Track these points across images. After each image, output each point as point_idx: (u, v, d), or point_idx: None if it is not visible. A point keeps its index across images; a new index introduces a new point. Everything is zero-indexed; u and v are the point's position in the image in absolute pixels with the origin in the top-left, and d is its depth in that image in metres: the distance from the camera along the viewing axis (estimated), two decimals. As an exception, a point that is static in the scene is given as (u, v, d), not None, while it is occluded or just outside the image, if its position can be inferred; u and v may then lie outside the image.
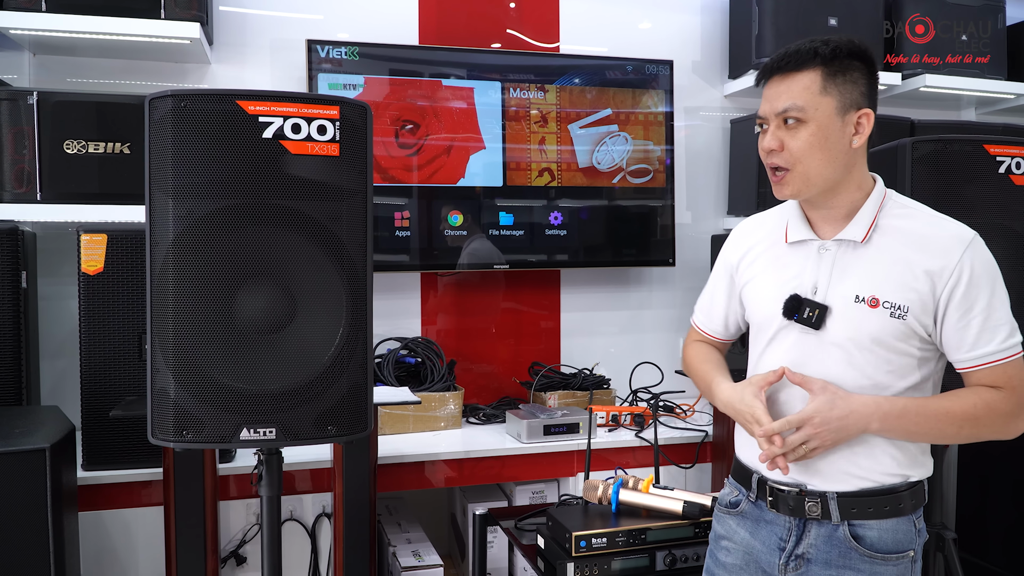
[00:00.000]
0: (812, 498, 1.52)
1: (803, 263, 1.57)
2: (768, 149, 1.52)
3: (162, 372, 1.44)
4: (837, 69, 1.48)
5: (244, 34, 2.84)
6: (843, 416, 1.43)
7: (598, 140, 3.07)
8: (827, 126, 1.48)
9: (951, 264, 1.46)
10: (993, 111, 3.70)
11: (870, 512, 1.50)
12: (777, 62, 1.51)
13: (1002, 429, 1.50)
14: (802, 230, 1.59)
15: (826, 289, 1.52)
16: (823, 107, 1.48)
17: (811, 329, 1.52)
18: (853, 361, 1.50)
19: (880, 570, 1.50)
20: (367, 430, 1.59)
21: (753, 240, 1.70)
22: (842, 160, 1.51)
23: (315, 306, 1.52)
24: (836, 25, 3.14)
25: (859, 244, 1.52)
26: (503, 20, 3.11)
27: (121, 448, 2.17)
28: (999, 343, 1.47)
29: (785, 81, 1.50)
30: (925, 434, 1.49)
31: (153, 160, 1.43)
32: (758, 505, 1.61)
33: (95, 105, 2.32)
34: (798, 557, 1.54)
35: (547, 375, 2.97)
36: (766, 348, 1.61)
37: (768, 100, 1.53)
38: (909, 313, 1.47)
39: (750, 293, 1.66)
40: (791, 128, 1.49)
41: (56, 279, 2.61)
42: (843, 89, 1.49)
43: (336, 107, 1.52)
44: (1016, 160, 2.06)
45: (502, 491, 2.86)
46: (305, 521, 2.41)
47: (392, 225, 2.85)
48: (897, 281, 1.48)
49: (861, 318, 1.48)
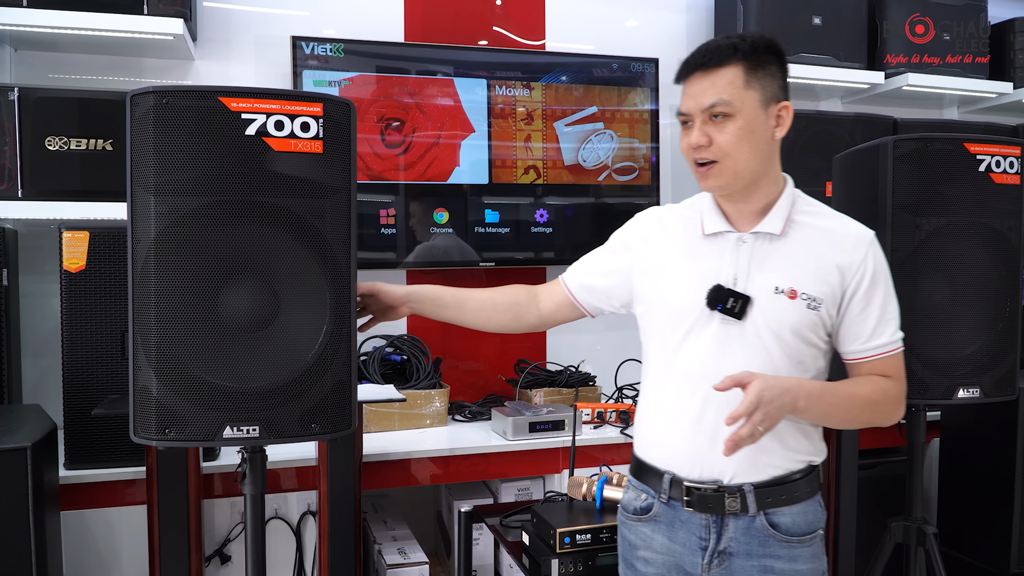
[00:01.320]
0: (731, 493, 1.53)
1: (721, 254, 1.58)
2: (696, 144, 1.52)
3: (144, 370, 1.43)
4: (757, 64, 1.51)
5: (228, 30, 2.82)
6: (782, 393, 1.43)
7: (584, 138, 3.08)
8: (753, 119, 1.51)
9: (858, 260, 1.54)
10: (975, 110, 3.73)
11: (783, 499, 1.54)
12: (699, 58, 1.52)
13: (891, 415, 1.59)
14: (719, 222, 1.60)
15: (745, 280, 1.54)
16: (748, 101, 1.50)
17: (732, 319, 1.53)
18: (771, 351, 1.52)
19: (797, 552, 1.54)
20: (351, 428, 1.58)
21: (663, 229, 1.68)
22: (766, 152, 1.54)
23: (299, 303, 1.51)
24: (820, 24, 3.16)
25: (776, 237, 1.55)
26: (489, 17, 3.11)
27: (104, 447, 2.15)
28: (890, 335, 1.57)
29: (708, 77, 1.51)
30: (834, 416, 1.54)
31: (135, 157, 1.42)
32: (671, 506, 1.59)
33: (77, 101, 2.30)
34: (720, 553, 1.55)
35: (533, 372, 2.97)
36: (684, 339, 1.58)
37: (692, 96, 1.53)
38: (822, 305, 1.52)
39: (659, 284, 1.63)
40: (718, 123, 1.50)
41: (38, 277, 2.59)
42: (764, 83, 1.51)
43: (319, 104, 1.52)
44: (996, 159, 2.08)
45: (488, 488, 2.87)
46: (290, 519, 2.40)
47: (378, 222, 2.85)
48: (813, 274, 1.53)
49: (781, 309, 1.52)
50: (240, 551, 2.30)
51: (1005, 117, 3.64)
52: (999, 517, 2.56)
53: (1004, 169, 2.08)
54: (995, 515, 2.58)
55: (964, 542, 2.71)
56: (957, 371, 2.07)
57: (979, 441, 2.67)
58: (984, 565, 2.62)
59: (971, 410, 2.68)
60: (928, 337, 2.04)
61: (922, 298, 2.04)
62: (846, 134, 3.17)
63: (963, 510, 2.73)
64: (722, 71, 1.50)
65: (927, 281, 2.05)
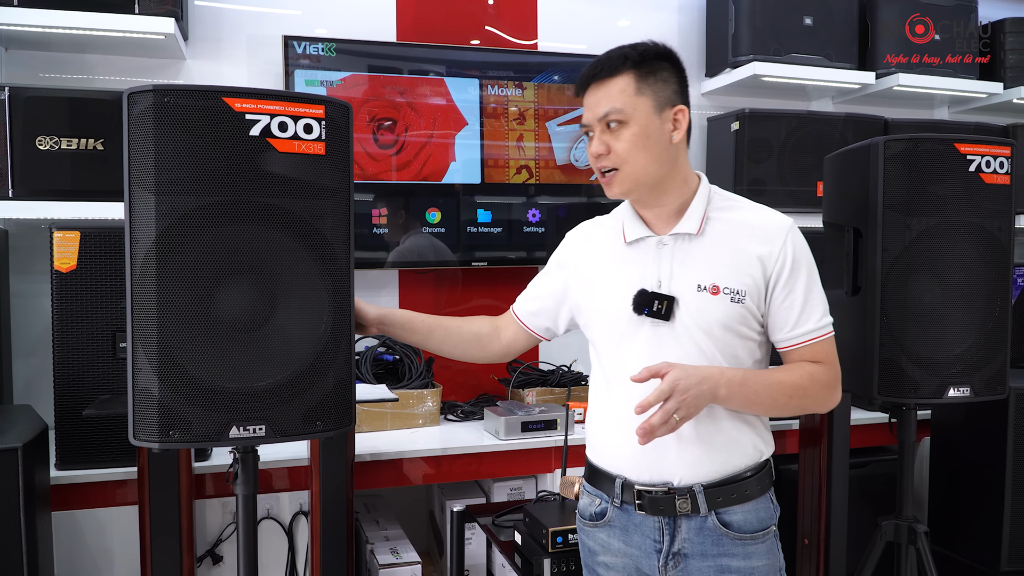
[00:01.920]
0: (681, 495, 1.55)
1: (643, 259, 1.61)
2: (596, 154, 1.57)
3: (145, 371, 1.43)
4: (648, 71, 1.54)
5: (220, 29, 2.82)
6: (700, 382, 1.45)
7: (576, 137, 3.08)
8: (647, 124, 1.54)
9: (776, 249, 1.55)
10: (966, 110, 3.75)
11: (733, 499, 1.55)
12: (591, 71, 1.57)
13: (824, 401, 1.60)
14: (639, 229, 1.63)
15: (669, 281, 1.57)
16: (640, 107, 1.53)
17: (661, 321, 1.55)
18: (703, 348, 1.54)
19: (752, 549, 1.56)
20: (352, 424, 1.60)
21: (590, 243, 1.74)
22: (665, 156, 1.57)
23: (301, 303, 1.52)
24: (811, 24, 3.17)
25: (694, 236, 1.58)
26: (481, 17, 3.11)
27: (95, 447, 2.14)
28: (816, 321, 1.57)
29: (602, 87, 1.56)
30: (761, 403, 1.54)
31: (133, 156, 1.41)
32: (624, 510, 1.61)
33: (68, 101, 2.29)
34: (675, 554, 1.56)
35: (525, 372, 2.97)
36: (619, 346, 1.61)
37: (589, 108, 1.58)
38: (747, 297, 1.54)
39: (593, 295, 1.68)
40: (614, 131, 1.55)
41: (28, 277, 2.59)
42: (656, 88, 1.55)
43: (322, 106, 1.53)
44: (987, 159, 2.09)
45: (480, 488, 2.87)
46: (282, 519, 2.40)
47: (370, 222, 2.85)
48: (733, 268, 1.55)
49: (705, 306, 1.54)
50: (232, 551, 2.30)
51: (995, 117, 3.65)
52: (989, 515, 2.57)
53: (994, 169, 2.09)
54: (985, 513, 2.60)
55: (955, 540, 2.72)
56: (948, 370, 2.08)
57: (969, 440, 2.68)
58: (975, 563, 2.63)
59: (962, 409, 2.69)
60: (918, 336, 2.05)
61: (913, 297, 2.05)
62: (837, 134, 3.18)
63: (954, 509, 2.74)
64: (614, 81, 1.55)
65: (918, 280, 2.06)
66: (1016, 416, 2.50)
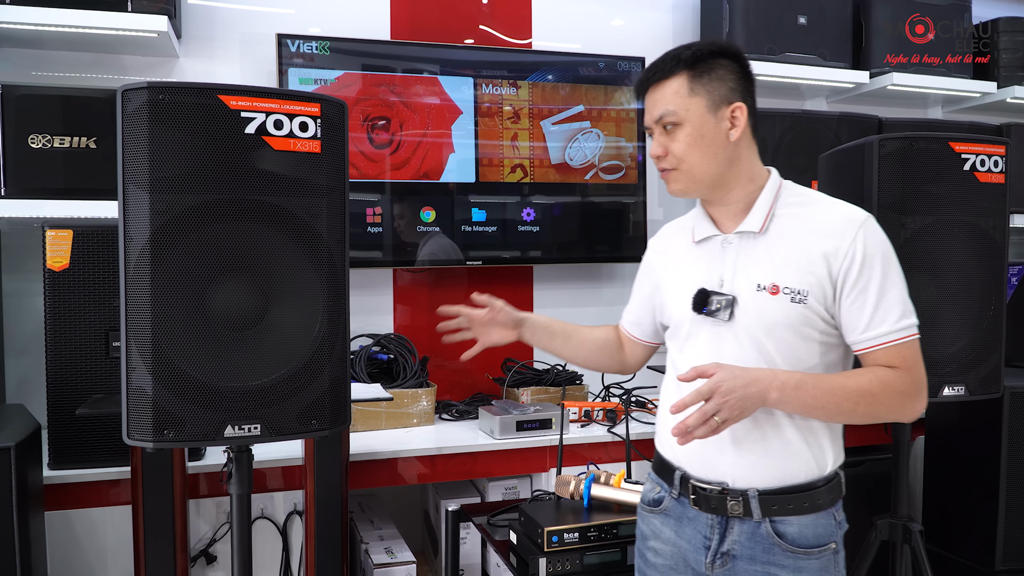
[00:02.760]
0: (734, 496, 1.54)
1: (709, 258, 1.61)
2: (655, 155, 1.59)
3: (139, 370, 1.42)
4: (702, 70, 1.54)
5: (213, 28, 2.81)
6: (746, 384, 1.43)
7: (570, 136, 3.08)
8: (701, 124, 1.54)
9: (844, 245, 1.49)
10: (959, 109, 3.75)
11: (790, 509, 1.52)
12: (646, 75, 1.60)
13: (899, 409, 1.51)
14: (707, 228, 1.64)
15: (731, 281, 1.56)
16: (694, 107, 1.54)
17: (721, 321, 1.55)
18: (763, 350, 1.52)
19: (803, 564, 1.52)
20: (348, 423, 1.61)
21: (667, 244, 1.76)
22: (722, 154, 1.56)
23: (296, 301, 1.52)
24: (805, 23, 3.17)
25: (758, 234, 1.56)
26: (475, 16, 3.11)
27: (88, 446, 2.14)
28: (892, 323, 1.49)
29: (658, 90, 1.57)
30: (822, 408, 1.47)
31: (127, 154, 1.41)
32: (681, 502, 1.62)
33: (61, 99, 2.28)
34: (724, 554, 1.55)
35: (520, 371, 2.97)
36: (684, 344, 1.63)
37: (647, 110, 1.61)
38: (809, 296, 1.49)
39: (665, 295, 1.70)
40: (670, 132, 1.56)
41: (21, 275, 2.57)
42: (710, 88, 1.54)
43: (317, 104, 1.53)
44: (981, 157, 2.09)
45: (475, 487, 2.86)
46: (276, 519, 2.39)
47: (364, 221, 2.84)
48: (795, 267, 1.51)
49: (764, 306, 1.51)
50: (226, 551, 2.29)
51: (989, 116, 3.66)
52: (984, 514, 2.58)
53: (989, 168, 2.10)
54: (980, 512, 2.60)
55: (950, 539, 2.73)
56: (942, 369, 2.09)
57: (964, 438, 2.69)
58: (969, 562, 2.64)
59: (956, 408, 2.70)
60: (913, 335, 2.05)
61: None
62: (831, 133, 3.18)
63: (948, 507, 2.74)
64: (668, 83, 1.56)
65: (912, 280, 2.03)
66: (1011, 415, 2.51)
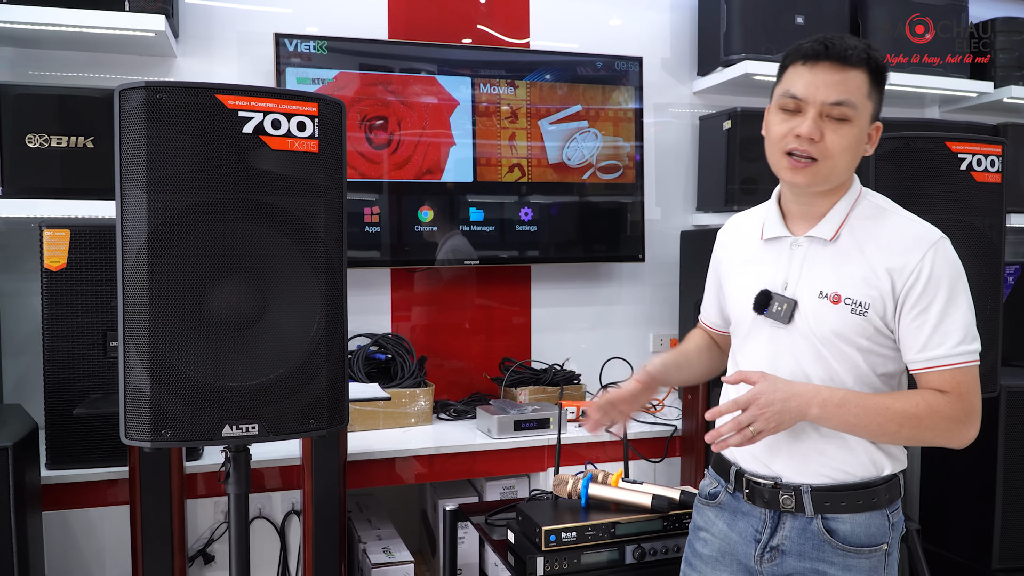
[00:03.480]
0: (786, 491, 1.54)
1: (776, 259, 1.58)
2: (808, 136, 1.44)
3: (137, 370, 1.42)
4: (878, 79, 1.49)
5: (210, 27, 2.80)
6: (786, 398, 1.43)
7: (568, 136, 3.08)
8: (863, 130, 1.49)
9: (912, 263, 1.45)
10: (956, 109, 3.75)
11: (843, 506, 1.51)
12: (839, 48, 1.44)
13: (947, 435, 1.46)
14: (777, 227, 1.59)
15: (796, 285, 1.54)
16: (865, 111, 1.48)
17: (781, 324, 1.53)
18: (821, 356, 1.51)
19: (853, 563, 1.51)
20: (346, 423, 1.61)
21: (734, 237, 1.73)
22: (855, 165, 1.53)
23: (294, 301, 1.52)
24: (803, 23, 3.17)
25: (828, 241, 1.53)
26: (473, 15, 3.11)
27: (86, 447, 2.14)
28: (950, 347, 1.45)
29: (841, 72, 1.44)
30: (865, 427, 1.45)
31: (124, 153, 1.40)
32: (735, 497, 1.63)
33: (58, 98, 2.27)
34: (773, 548, 1.56)
35: (518, 371, 2.97)
36: (743, 343, 1.63)
37: (816, 85, 1.44)
38: (870, 310, 1.46)
39: (730, 289, 1.69)
40: (836, 123, 1.45)
41: (18, 275, 2.57)
42: (875, 100, 1.50)
43: (315, 104, 1.53)
44: (978, 157, 2.10)
45: (473, 487, 2.86)
46: (274, 519, 2.39)
47: (362, 221, 2.84)
48: (859, 278, 1.48)
49: (823, 313, 1.49)
50: (224, 551, 2.29)
51: (986, 116, 3.66)
52: (981, 513, 2.58)
53: (985, 168, 2.10)
54: (977, 511, 2.61)
55: (946, 538, 2.73)
56: (939, 368, 2.09)
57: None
58: (966, 561, 2.64)
59: (952, 407, 2.70)
60: (910, 334, 2.05)
61: (904, 295, 2.05)
62: (829, 133, 3.18)
63: (945, 506, 2.75)
64: (854, 72, 1.45)
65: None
66: (1007, 414, 2.51)
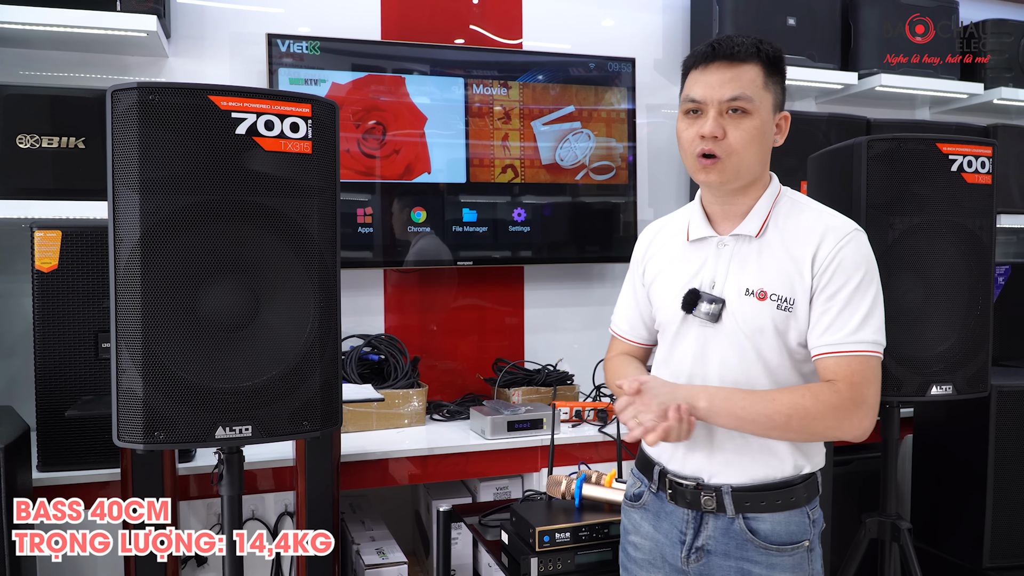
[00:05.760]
0: (708, 492, 1.55)
1: (703, 259, 1.59)
2: (710, 135, 1.48)
3: (129, 372, 1.41)
4: (773, 69, 1.52)
5: (202, 27, 2.80)
6: (672, 389, 1.50)
7: (561, 137, 3.08)
8: (766, 121, 1.51)
9: (825, 252, 1.47)
10: (947, 110, 3.77)
11: (763, 506, 1.52)
12: (727, 47, 1.48)
13: (836, 425, 1.44)
14: (702, 228, 1.61)
15: (723, 283, 1.55)
16: (765, 102, 1.50)
17: (710, 323, 1.54)
18: (748, 353, 1.52)
19: (776, 561, 1.52)
20: (339, 424, 1.61)
21: (657, 241, 1.72)
22: (766, 157, 1.55)
23: (287, 302, 1.51)
24: (795, 25, 3.18)
25: (753, 238, 1.54)
26: (466, 16, 3.11)
27: (77, 448, 2.12)
28: (847, 334, 1.45)
29: (732, 69, 1.48)
30: (754, 421, 1.44)
31: (117, 154, 1.40)
32: (659, 497, 1.63)
33: (49, 99, 2.26)
34: (699, 549, 1.56)
35: (511, 371, 2.97)
36: (672, 344, 1.63)
37: (711, 86, 1.49)
38: (795, 305, 1.48)
39: (655, 292, 1.68)
40: (735, 118, 1.48)
41: (9, 276, 2.56)
42: (775, 90, 1.53)
43: (308, 105, 1.53)
44: (968, 158, 2.10)
45: (466, 487, 2.86)
46: (267, 520, 2.39)
47: (355, 222, 2.84)
48: (783, 274, 1.50)
49: (751, 311, 1.51)
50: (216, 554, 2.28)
51: (976, 118, 3.68)
52: (972, 512, 2.59)
53: (976, 169, 2.11)
54: (968, 510, 2.62)
55: (938, 537, 2.74)
56: (930, 368, 2.10)
57: (952, 437, 2.70)
58: (958, 560, 2.65)
59: (944, 407, 2.71)
60: (901, 335, 2.06)
61: (895, 296, 2.06)
62: (820, 134, 3.20)
63: (937, 506, 2.76)
64: (746, 67, 1.48)
65: (900, 279, 2.08)
66: (998, 414, 2.52)
